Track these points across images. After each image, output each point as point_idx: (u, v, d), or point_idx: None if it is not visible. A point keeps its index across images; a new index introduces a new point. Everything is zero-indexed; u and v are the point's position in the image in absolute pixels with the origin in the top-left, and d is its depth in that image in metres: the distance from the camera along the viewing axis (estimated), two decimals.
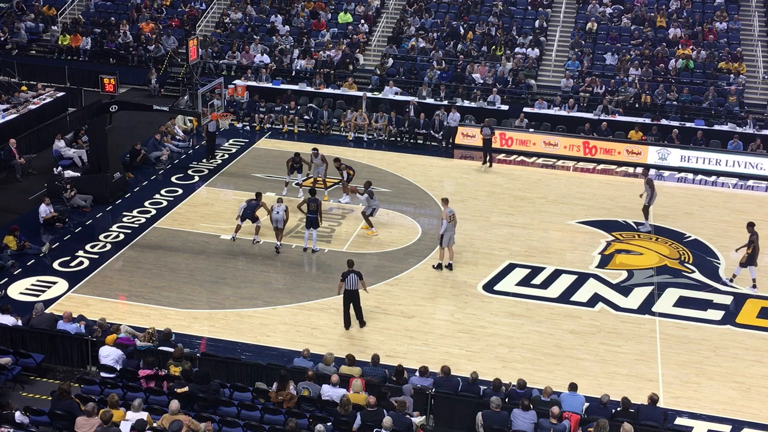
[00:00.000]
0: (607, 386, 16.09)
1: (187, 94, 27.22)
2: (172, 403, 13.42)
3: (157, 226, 22.69)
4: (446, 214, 20.48)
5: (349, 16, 36.59)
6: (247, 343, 17.56)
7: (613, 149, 28.55)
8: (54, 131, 27.17)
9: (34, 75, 33.06)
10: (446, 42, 34.61)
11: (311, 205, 21.21)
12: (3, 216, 22.66)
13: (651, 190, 23.28)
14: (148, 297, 19.15)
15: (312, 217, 21.24)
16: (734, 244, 22.71)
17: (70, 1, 38.78)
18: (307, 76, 33.25)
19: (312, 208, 21.20)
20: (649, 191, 23.30)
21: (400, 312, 18.92)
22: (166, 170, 26.42)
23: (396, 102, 30.88)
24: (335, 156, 25.12)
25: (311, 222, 21.29)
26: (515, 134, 29.26)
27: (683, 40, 33.87)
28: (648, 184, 23.34)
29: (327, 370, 15.37)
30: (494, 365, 16.98)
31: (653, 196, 23.33)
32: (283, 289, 19.77)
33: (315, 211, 21.19)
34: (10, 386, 15.54)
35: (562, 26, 35.58)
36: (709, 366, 17.44)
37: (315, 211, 21.19)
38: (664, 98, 31.28)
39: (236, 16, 36.93)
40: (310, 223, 21.31)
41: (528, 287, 20.25)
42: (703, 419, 15.74)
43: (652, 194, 23.30)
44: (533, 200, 25.26)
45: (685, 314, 19.32)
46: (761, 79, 32.42)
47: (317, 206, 21.23)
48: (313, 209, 21.19)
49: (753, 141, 28.60)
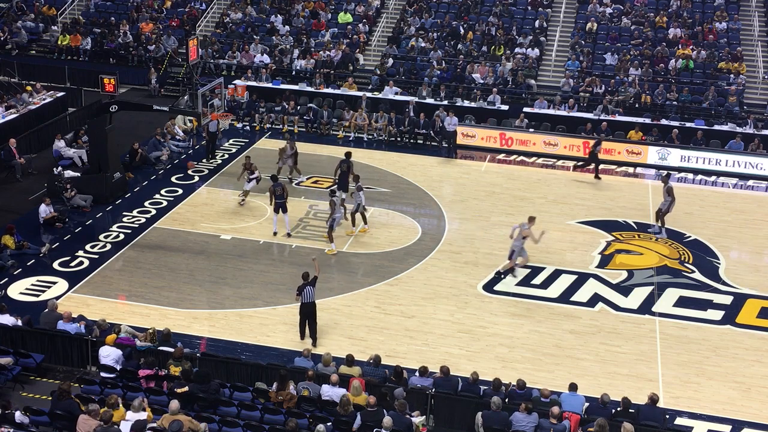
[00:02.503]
0: (607, 386, 16.08)
1: (187, 94, 27.22)
2: (172, 403, 13.42)
3: (157, 226, 22.69)
4: (519, 230, 20.30)
5: (349, 16, 36.60)
6: (247, 343, 17.55)
7: (613, 149, 28.54)
8: (54, 131, 27.17)
9: (34, 75, 33.06)
10: (446, 42, 34.61)
11: (277, 190, 21.75)
12: (3, 216, 22.64)
13: (671, 197, 22.86)
14: (148, 297, 19.15)
15: (280, 202, 21.80)
16: (734, 244, 22.78)
17: (70, 1, 38.78)
18: (307, 76, 33.26)
19: (279, 193, 21.74)
20: (669, 199, 22.88)
21: (400, 312, 18.92)
22: (166, 170, 26.42)
23: (396, 102, 30.89)
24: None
25: (279, 206, 21.86)
26: (515, 134, 29.27)
27: (683, 40, 33.88)
28: (668, 192, 22.91)
29: (326, 370, 15.37)
30: (494, 365, 16.98)
31: (672, 204, 22.91)
32: (283, 289, 19.76)
33: (282, 196, 21.78)
34: (10, 386, 15.54)
35: (562, 26, 35.58)
36: (709, 366, 17.45)
37: (282, 195, 21.78)
38: (664, 98, 31.28)
39: (236, 16, 36.94)
40: (279, 207, 21.87)
41: (528, 287, 20.25)
42: (703, 419, 15.74)
43: (672, 202, 22.89)
44: (533, 200, 25.25)
45: (685, 314, 19.32)
46: (761, 79, 32.42)
47: (283, 190, 21.86)
48: (280, 194, 21.75)
49: (753, 141, 28.61)
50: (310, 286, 17.37)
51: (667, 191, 23.00)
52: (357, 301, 19.26)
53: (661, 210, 23.14)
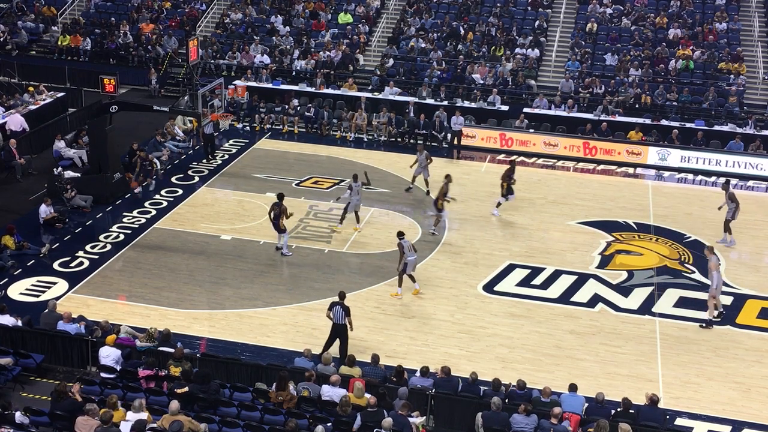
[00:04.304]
0: (607, 387, 16.07)
1: (188, 94, 27.22)
2: (172, 404, 13.41)
3: (157, 227, 22.70)
4: (714, 264, 19.07)
5: (349, 17, 36.60)
6: (247, 343, 17.55)
7: (613, 150, 28.56)
8: (54, 131, 27.18)
9: (34, 75, 33.06)
10: (446, 42, 34.61)
11: (275, 209, 20.80)
12: (3, 216, 22.65)
13: (734, 203, 22.34)
14: (148, 297, 19.15)
15: (274, 223, 20.87)
16: (734, 244, 22.76)
17: (70, 2, 38.79)
18: (307, 77, 33.26)
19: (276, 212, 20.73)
20: (732, 205, 22.36)
21: (400, 312, 18.92)
22: (166, 171, 26.42)
23: (396, 102, 30.89)
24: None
25: (274, 227, 20.96)
26: (515, 135, 29.28)
27: (683, 41, 33.88)
28: (730, 198, 22.46)
29: (326, 370, 15.37)
30: (494, 366, 16.98)
31: (737, 210, 22.38)
32: (283, 289, 19.77)
33: (277, 216, 20.74)
34: (11, 386, 15.53)
35: (562, 27, 35.59)
36: (709, 366, 17.44)
37: (277, 215, 20.75)
38: (664, 99, 31.29)
39: (236, 17, 36.94)
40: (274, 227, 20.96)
41: (528, 288, 20.25)
42: (703, 420, 15.73)
43: (737, 208, 22.35)
44: (533, 201, 25.26)
45: (685, 315, 19.32)
46: (761, 80, 32.42)
47: (280, 210, 20.73)
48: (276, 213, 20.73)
49: (753, 141, 28.61)
50: (340, 306, 16.70)
51: (730, 197, 22.46)
52: (357, 301, 19.22)
53: (728, 219, 22.50)
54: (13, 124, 27.40)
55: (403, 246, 19.20)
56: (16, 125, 27.41)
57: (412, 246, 19.49)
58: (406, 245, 19.26)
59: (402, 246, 19.21)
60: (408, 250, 19.23)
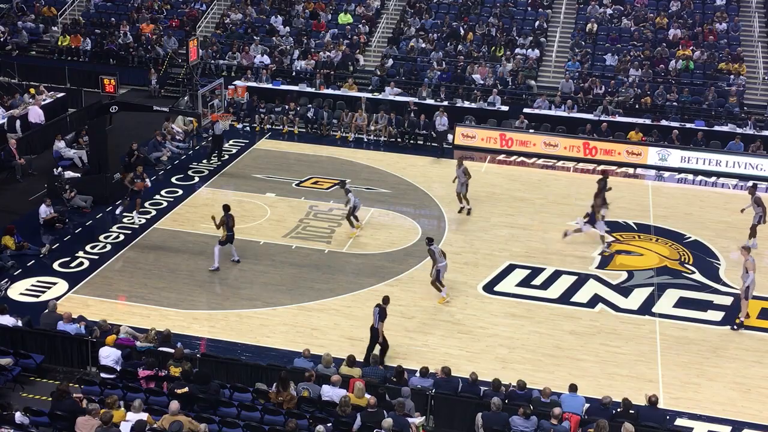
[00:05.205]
0: (607, 387, 16.09)
1: (188, 94, 27.22)
2: (172, 404, 13.42)
3: (157, 227, 22.69)
4: (751, 264, 18.67)
5: (349, 17, 36.60)
6: (246, 343, 17.55)
7: (614, 150, 28.55)
8: (54, 132, 27.17)
9: (34, 76, 33.05)
10: (446, 43, 34.61)
11: (230, 221, 20.24)
12: (3, 216, 22.64)
13: (761, 207, 21.98)
14: (148, 298, 19.15)
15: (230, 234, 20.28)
16: (734, 244, 22.74)
17: (70, 2, 38.77)
18: (307, 77, 33.26)
19: (231, 224, 20.24)
20: (759, 210, 22.05)
21: (400, 312, 18.90)
22: (166, 171, 26.41)
23: (396, 103, 30.89)
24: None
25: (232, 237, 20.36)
26: (515, 135, 29.27)
27: (683, 41, 33.88)
28: (756, 202, 22.19)
29: (326, 371, 15.37)
30: (494, 366, 16.97)
31: (765, 214, 21.97)
32: (283, 289, 19.77)
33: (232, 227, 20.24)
34: (10, 387, 15.53)
35: (562, 27, 35.58)
36: (709, 367, 17.44)
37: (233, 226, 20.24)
38: (664, 99, 31.28)
39: (236, 17, 36.93)
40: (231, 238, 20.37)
41: (528, 288, 20.25)
42: (703, 420, 15.73)
43: (764, 212, 21.96)
44: (533, 201, 25.26)
45: (685, 315, 19.32)
46: (761, 80, 32.41)
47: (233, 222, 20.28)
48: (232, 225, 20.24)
49: (753, 142, 28.61)
50: (377, 308, 16.70)
51: (756, 201, 22.21)
52: (357, 301, 19.24)
53: (755, 224, 22.24)
54: (33, 116, 28.09)
55: (434, 252, 18.96)
56: (36, 117, 28.07)
57: (442, 251, 19.35)
58: (437, 251, 19.06)
59: (433, 252, 18.97)
60: (439, 256, 18.99)
